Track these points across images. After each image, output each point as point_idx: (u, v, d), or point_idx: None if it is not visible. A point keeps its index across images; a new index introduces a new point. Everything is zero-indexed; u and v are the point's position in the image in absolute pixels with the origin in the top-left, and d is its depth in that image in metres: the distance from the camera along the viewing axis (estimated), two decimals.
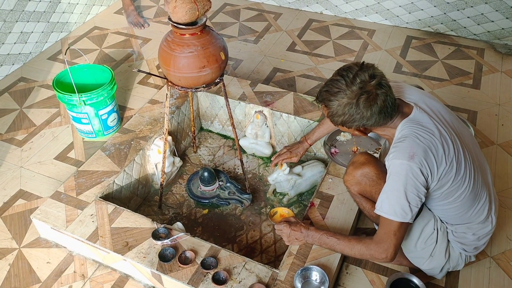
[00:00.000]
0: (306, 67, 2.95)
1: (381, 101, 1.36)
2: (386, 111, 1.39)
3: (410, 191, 1.39)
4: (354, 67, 1.38)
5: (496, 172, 2.18)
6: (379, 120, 1.40)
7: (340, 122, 1.43)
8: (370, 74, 1.36)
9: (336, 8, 3.44)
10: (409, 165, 1.37)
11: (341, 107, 1.38)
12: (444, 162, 1.40)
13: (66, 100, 2.19)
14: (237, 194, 2.15)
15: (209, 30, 1.73)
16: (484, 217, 1.57)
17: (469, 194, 1.49)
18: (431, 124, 1.43)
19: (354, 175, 1.63)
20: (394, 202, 1.41)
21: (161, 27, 3.36)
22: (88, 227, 1.80)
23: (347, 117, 1.39)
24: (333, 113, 1.41)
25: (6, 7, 2.76)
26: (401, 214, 1.40)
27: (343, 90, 1.37)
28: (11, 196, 2.13)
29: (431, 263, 1.65)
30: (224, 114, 2.47)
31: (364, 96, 1.35)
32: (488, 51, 3.04)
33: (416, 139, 1.39)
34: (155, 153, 2.16)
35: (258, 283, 1.59)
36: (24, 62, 2.98)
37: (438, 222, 1.60)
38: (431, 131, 1.41)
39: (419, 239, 1.61)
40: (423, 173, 1.38)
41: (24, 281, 1.80)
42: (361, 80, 1.35)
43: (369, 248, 1.48)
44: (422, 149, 1.38)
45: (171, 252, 1.69)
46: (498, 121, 2.49)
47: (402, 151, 1.39)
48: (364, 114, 1.37)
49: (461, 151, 1.45)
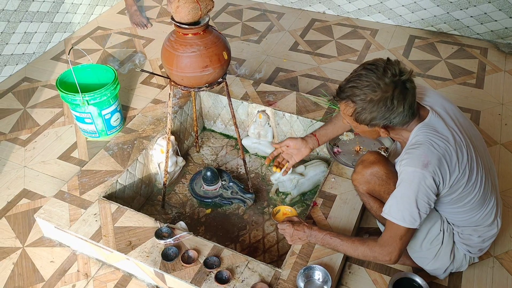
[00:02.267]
0: (308, 67, 2.95)
1: (411, 96, 1.31)
2: (413, 109, 1.34)
3: (421, 199, 1.37)
4: (381, 61, 1.33)
5: (499, 172, 2.18)
6: (406, 118, 1.35)
7: (370, 119, 1.33)
8: (400, 69, 1.31)
9: (339, 8, 3.44)
10: (423, 173, 1.34)
11: (373, 103, 1.30)
12: (457, 170, 1.38)
13: (69, 100, 2.20)
14: (240, 194, 2.15)
15: (212, 29, 1.73)
16: (491, 221, 1.57)
17: (479, 199, 1.48)
18: (447, 131, 1.39)
19: (364, 174, 1.58)
20: (403, 208, 1.39)
21: (164, 27, 3.37)
22: (92, 227, 1.80)
23: (377, 112, 1.31)
24: (362, 108, 1.32)
25: (10, 8, 2.77)
26: (410, 221, 1.39)
27: (374, 83, 1.29)
28: (15, 195, 2.14)
29: (435, 264, 1.65)
30: (227, 113, 2.47)
31: (398, 89, 1.28)
32: (491, 50, 3.03)
33: (431, 146, 1.35)
34: (158, 152, 2.17)
35: (261, 282, 1.59)
36: (27, 62, 2.99)
37: (445, 223, 1.59)
38: (446, 138, 1.38)
39: (425, 239, 1.60)
40: (435, 181, 1.36)
41: (28, 280, 1.81)
42: (392, 73, 1.29)
43: (373, 251, 1.48)
44: (436, 158, 1.34)
45: (174, 251, 1.69)
46: (502, 121, 2.48)
47: (416, 159, 1.35)
48: (397, 109, 1.30)
49: (474, 157, 1.43)
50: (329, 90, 2.71)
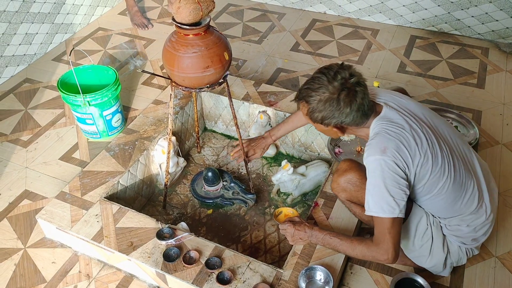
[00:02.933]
0: (309, 67, 2.94)
1: (360, 98, 1.40)
2: (363, 109, 1.43)
3: (390, 185, 1.41)
4: (334, 66, 1.43)
5: (501, 172, 2.17)
6: (357, 118, 1.44)
7: (320, 118, 1.44)
8: (350, 73, 1.41)
9: (340, 8, 3.44)
10: (383, 159, 1.40)
11: (322, 103, 1.41)
12: (418, 154, 1.42)
13: (70, 101, 2.20)
14: (241, 194, 2.15)
15: (213, 30, 1.73)
16: (475, 207, 1.56)
17: (452, 185, 1.49)
18: (401, 120, 1.46)
19: (339, 183, 1.68)
20: (378, 199, 1.43)
21: (165, 28, 3.37)
22: (93, 227, 1.80)
23: (327, 112, 1.42)
24: (313, 109, 1.43)
25: (11, 9, 2.77)
26: (388, 210, 1.42)
27: (324, 85, 1.40)
28: (16, 196, 2.14)
29: (432, 260, 1.65)
30: (228, 114, 2.47)
31: (344, 91, 1.39)
32: (492, 50, 3.03)
33: (387, 134, 1.43)
34: (159, 153, 2.17)
35: (262, 283, 1.59)
36: (29, 63, 3.00)
37: (430, 217, 1.62)
38: (401, 126, 1.45)
39: (415, 237, 1.62)
40: (399, 166, 1.40)
41: (30, 281, 1.81)
42: (342, 77, 1.39)
43: (370, 250, 1.49)
44: (393, 143, 1.41)
45: (176, 252, 1.69)
46: (503, 121, 2.48)
47: (374, 148, 1.43)
48: (344, 110, 1.40)
49: (436, 142, 1.47)
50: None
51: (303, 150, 2.38)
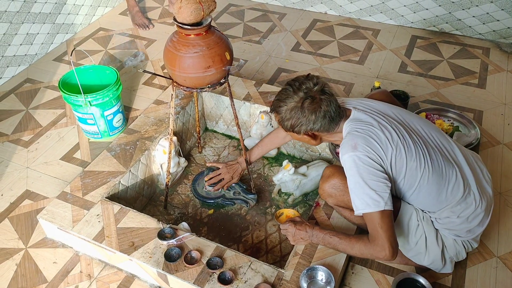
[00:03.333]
0: (310, 67, 2.94)
1: (325, 105, 1.49)
2: (330, 115, 1.50)
3: (368, 179, 1.45)
4: (301, 77, 1.54)
5: (502, 172, 2.17)
6: (325, 125, 1.51)
7: (290, 126, 1.53)
8: (314, 82, 1.51)
9: (341, 8, 3.44)
10: (355, 155, 1.46)
11: (288, 111, 1.51)
12: (390, 146, 1.47)
13: (72, 101, 2.20)
14: (242, 194, 2.15)
15: (214, 30, 1.73)
16: (461, 196, 1.56)
17: (432, 174, 1.51)
18: (370, 118, 1.53)
19: (324, 189, 1.73)
20: (361, 194, 1.46)
21: (166, 28, 3.37)
22: (94, 227, 1.80)
23: (294, 120, 1.51)
24: (282, 118, 1.53)
25: (12, 9, 2.77)
26: (373, 203, 1.44)
27: (290, 96, 1.50)
28: (17, 196, 2.14)
29: (430, 257, 1.65)
30: (229, 114, 2.47)
31: (308, 100, 1.48)
32: (493, 50, 3.03)
33: (355, 132, 1.50)
34: (160, 153, 2.17)
35: (263, 283, 1.59)
36: (30, 63, 3.00)
37: (420, 213, 1.63)
38: (369, 123, 1.52)
39: (409, 234, 1.64)
40: (372, 159, 1.46)
41: (31, 281, 1.81)
42: (306, 87, 1.50)
43: (367, 247, 1.50)
44: (362, 138, 1.48)
45: (177, 252, 1.69)
46: (504, 121, 2.48)
47: (345, 146, 1.49)
48: (310, 117, 1.49)
49: (407, 135, 1.52)
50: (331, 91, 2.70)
51: (304, 150, 2.38)
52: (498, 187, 2.09)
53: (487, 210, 1.62)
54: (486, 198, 1.61)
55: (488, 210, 1.63)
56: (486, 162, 2.19)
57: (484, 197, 1.60)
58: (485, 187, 1.63)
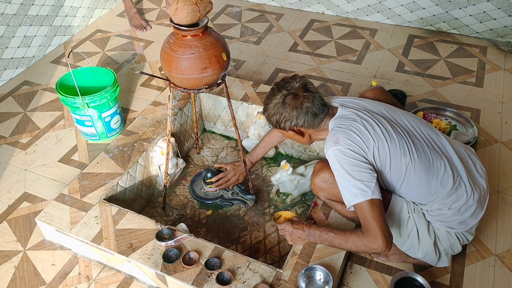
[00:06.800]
0: (308, 67, 2.95)
1: (307, 102, 1.55)
2: (313, 112, 1.56)
3: (352, 170, 1.48)
4: (287, 78, 1.61)
5: (500, 170, 2.18)
6: (308, 121, 1.57)
7: (275, 122, 1.60)
8: (297, 81, 1.58)
9: (338, 8, 3.44)
10: (337, 148, 1.51)
11: (272, 107, 1.59)
12: (371, 138, 1.52)
13: (69, 103, 2.20)
14: (241, 195, 2.15)
15: (211, 31, 1.73)
16: (451, 187, 1.56)
17: (419, 166, 1.53)
18: (353, 115, 1.59)
19: (315, 183, 1.75)
20: (348, 186, 1.50)
21: (163, 29, 3.37)
22: (93, 229, 1.80)
23: (278, 116, 1.58)
24: (269, 114, 1.62)
25: (9, 12, 2.78)
26: (361, 193, 1.47)
27: (275, 94, 1.59)
28: (15, 199, 2.14)
29: (423, 249, 1.66)
30: (227, 115, 2.48)
31: (290, 96, 1.56)
32: (490, 49, 3.03)
33: (338, 128, 1.56)
34: (158, 154, 2.17)
35: (262, 283, 1.59)
36: (27, 65, 3.00)
37: (411, 205, 1.65)
38: (352, 119, 1.57)
39: (400, 226, 1.66)
40: (354, 151, 1.50)
41: (30, 283, 1.81)
42: (290, 86, 1.58)
43: (361, 239, 1.51)
44: (343, 133, 1.53)
45: (175, 253, 1.69)
46: (502, 119, 2.48)
47: (328, 142, 1.55)
48: (292, 113, 1.56)
49: (390, 128, 1.56)
50: (329, 91, 2.71)
51: (302, 150, 2.38)
52: (496, 186, 2.09)
53: (481, 202, 1.61)
54: (478, 190, 1.60)
55: (482, 202, 1.62)
56: (484, 161, 2.20)
57: (477, 189, 1.60)
58: (477, 179, 1.63)
